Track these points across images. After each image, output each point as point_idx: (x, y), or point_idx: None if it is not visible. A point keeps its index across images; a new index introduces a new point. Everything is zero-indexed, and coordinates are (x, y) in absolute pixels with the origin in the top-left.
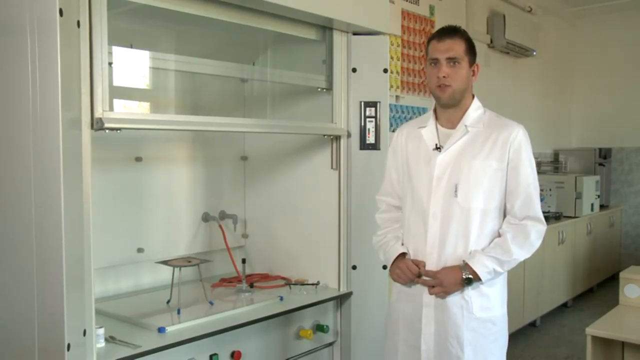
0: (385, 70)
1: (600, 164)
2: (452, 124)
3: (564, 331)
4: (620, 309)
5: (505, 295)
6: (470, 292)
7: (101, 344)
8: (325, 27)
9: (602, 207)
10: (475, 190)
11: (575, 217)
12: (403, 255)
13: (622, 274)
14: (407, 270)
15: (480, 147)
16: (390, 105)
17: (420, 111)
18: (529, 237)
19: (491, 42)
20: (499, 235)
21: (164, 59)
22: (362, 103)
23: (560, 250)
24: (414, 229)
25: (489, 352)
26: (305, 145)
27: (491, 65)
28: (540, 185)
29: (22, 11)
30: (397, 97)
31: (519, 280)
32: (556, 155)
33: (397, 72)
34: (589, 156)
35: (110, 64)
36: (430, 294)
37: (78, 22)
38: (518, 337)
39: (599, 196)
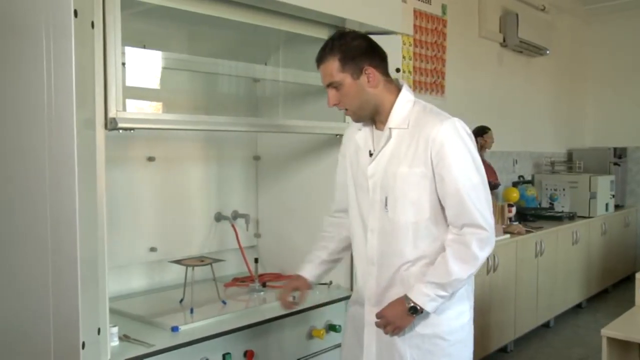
0: (398, 70)
1: (615, 164)
2: (384, 125)
3: (579, 332)
4: (637, 310)
5: (464, 306)
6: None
7: (115, 342)
8: (338, 27)
9: (617, 207)
10: (402, 202)
11: (589, 217)
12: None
13: (637, 275)
14: (280, 298)
15: (405, 151)
16: None
17: None
18: (470, 249)
19: (504, 41)
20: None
21: (176, 59)
22: None
23: (575, 250)
24: (357, 244)
25: None
26: (317, 144)
27: (504, 65)
28: (554, 185)
29: (38, 12)
30: None
31: (533, 280)
32: (570, 155)
33: (410, 72)
34: (604, 156)
35: (123, 64)
36: (386, 333)
37: (92, 23)
38: (531, 338)
39: (613, 196)
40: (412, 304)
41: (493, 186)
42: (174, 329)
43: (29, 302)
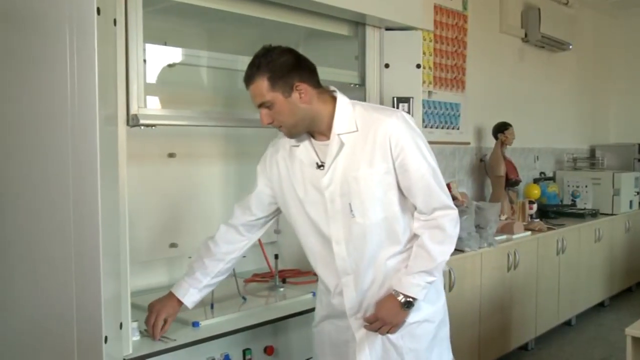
0: (418, 66)
1: None
2: (326, 135)
3: (601, 331)
4: None
5: (438, 289)
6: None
7: (136, 337)
8: (358, 23)
9: None
10: (370, 203)
11: (612, 215)
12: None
13: None
14: (149, 325)
15: (361, 154)
16: (422, 101)
17: (453, 107)
18: (445, 230)
19: (525, 36)
20: (415, 235)
21: (197, 55)
22: (395, 99)
23: (597, 248)
24: (321, 260)
25: (431, 349)
26: None
27: (525, 60)
28: (576, 182)
29: (61, 10)
30: (429, 92)
31: (554, 277)
32: (592, 151)
33: (430, 68)
34: (628, 152)
35: (144, 61)
36: (382, 334)
37: (115, 21)
38: (553, 336)
39: (638, 193)
40: (405, 299)
41: (514, 182)
42: (195, 324)
43: (52, 297)
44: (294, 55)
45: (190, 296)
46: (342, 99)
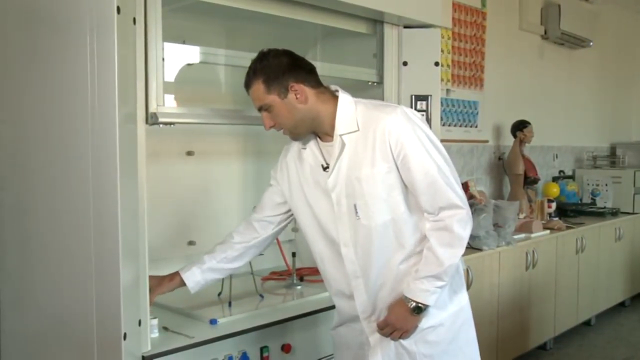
0: (437, 64)
1: None
2: (331, 136)
3: (622, 331)
4: None
5: (455, 291)
6: None
7: (155, 334)
8: (376, 21)
9: None
10: (374, 204)
11: (634, 214)
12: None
13: None
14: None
15: (363, 154)
16: (441, 99)
17: (471, 105)
18: (453, 231)
19: (545, 33)
20: (426, 237)
21: (215, 53)
22: (413, 97)
23: (618, 247)
24: (330, 264)
25: (450, 355)
26: None
27: (545, 57)
28: (596, 180)
29: (82, 10)
30: (447, 90)
31: (573, 277)
32: (613, 149)
33: (448, 66)
34: None
35: (163, 59)
36: (393, 339)
37: (134, 20)
38: (572, 336)
39: None
40: (414, 304)
41: (533, 181)
42: (213, 321)
43: (72, 294)
44: (289, 57)
45: (191, 274)
46: (343, 98)
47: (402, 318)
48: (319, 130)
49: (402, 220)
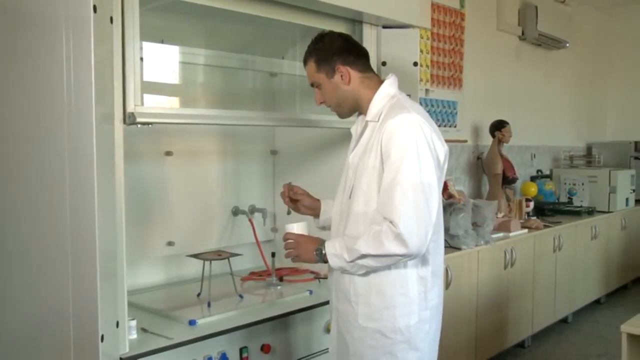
0: (415, 64)
1: (636, 158)
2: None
3: (598, 328)
4: None
5: (414, 307)
6: (357, 299)
7: (133, 335)
8: (355, 21)
9: (637, 202)
10: (357, 191)
11: (609, 212)
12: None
13: None
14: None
15: (367, 144)
16: (420, 99)
17: (450, 105)
18: (380, 237)
19: (522, 34)
20: None
21: (194, 53)
22: None
23: (594, 245)
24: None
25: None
26: (335, 139)
27: (522, 58)
28: (573, 180)
29: (57, 8)
30: (426, 90)
31: (551, 275)
32: (589, 149)
33: (427, 66)
34: (624, 150)
35: (141, 59)
36: (286, 256)
37: (111, 19)
38: (549, 334)
39: (634, 190)
40: (323, 250)
41: (511, 180)
42: (192, 322)
43: (49, 295)
44: (342, 41)
45: (328, 207)
46: (383, 89)
47: (306, 246)
48: (361, 111)
49: (371, 219)
